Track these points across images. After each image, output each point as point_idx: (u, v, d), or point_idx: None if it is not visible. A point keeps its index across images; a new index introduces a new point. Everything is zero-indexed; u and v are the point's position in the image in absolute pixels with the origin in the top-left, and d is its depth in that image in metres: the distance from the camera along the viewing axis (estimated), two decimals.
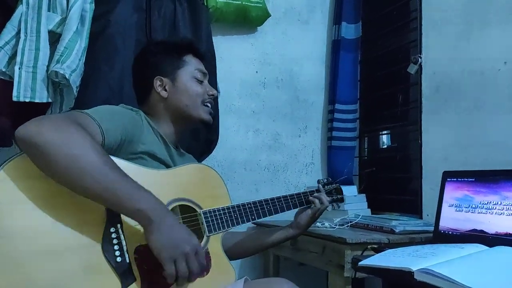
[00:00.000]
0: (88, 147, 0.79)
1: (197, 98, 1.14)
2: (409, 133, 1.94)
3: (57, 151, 0.76)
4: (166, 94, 1.13)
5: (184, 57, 1.16)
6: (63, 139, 0.77)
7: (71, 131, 0.79)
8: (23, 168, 0.78)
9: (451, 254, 0.93)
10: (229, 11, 1.88)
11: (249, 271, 2.00)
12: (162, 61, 1.14)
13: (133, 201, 0.80)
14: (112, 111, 0.98)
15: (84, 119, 0.87)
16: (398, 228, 1.43)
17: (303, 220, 1.18)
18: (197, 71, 1.16)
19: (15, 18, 1.37)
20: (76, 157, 0.77)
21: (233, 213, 1.05)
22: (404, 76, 1.91)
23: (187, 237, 0.83)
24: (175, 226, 0.83)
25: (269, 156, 2.09)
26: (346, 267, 1.32)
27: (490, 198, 1.14)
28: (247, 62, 2.07)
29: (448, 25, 1.65)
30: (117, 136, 0.93)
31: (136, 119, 1.02)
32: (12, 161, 0.79)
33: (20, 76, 1.34)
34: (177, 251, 0.81)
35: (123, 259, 0.84)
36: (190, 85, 1.14)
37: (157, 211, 0.82)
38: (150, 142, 1.02)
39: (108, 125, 0.90)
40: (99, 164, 0.79)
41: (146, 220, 0.81)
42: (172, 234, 0.81)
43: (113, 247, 0.83)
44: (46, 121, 0.80)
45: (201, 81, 1.16)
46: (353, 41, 2.12)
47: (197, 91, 1.14)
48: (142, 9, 1.64)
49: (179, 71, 1.14)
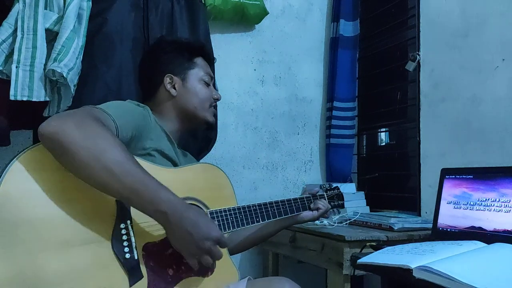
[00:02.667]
0: (112, 144, 0.80)
1: (205, 101, 1.18)
2: (407, 131, 1.94)
3: (82, 150, 0.77)
4: (175, 92, 1.15)
5: (195, 59, 1.19)
6: (87, 137, 0.78)
7: (94, 128, 0.80)
8: (37, 160, 0.79)
9: (450, 251, 0.93)
10: (226, 9, 1.87)
11: (248, 269, 2.00)
12: (173, 60, 1.17)
13: (154, 203, 0.80)
14: (123, 106, 0.99)
15: (102, 115, 0.88)
16: (397, 226, 1.43)
17: (307, 218, 1.22)
18: (205, 74, 1.19)
19: (11, 16, 1.37)
20: (100, 155, 0.77)
21: (239, 215, 1.06)
22: (402, 74, 1.91)
23: (207, 233, 0.84)
24: (195, 223, 0.83)
25: (267, 154, 2.09)
26: (345, 264, 1.32)
27: (488, 195, 1.15)
28: (245, 60, 2.07)
29: (446, 22, 1.65)
30: (128, 131, 0.94)
31: (144, 114, 1.03)
32: (26, 153, 0.79)
33: (17, 75, 1.33)
34: (198, 250, 0.84)
35: (131, 256, 0.84)
36: (199, 87, 1.17)
37: (177, 212, 0.82)
38: (157, 138, 1.04)
39: (121, 120, 0.91)
40: (122, 162, 0.79)
41: (166, 221, 0.82)
42: (193, 232, 0.82)
43: (123, 243, 0.84)
44: (68, 118, 0.80)
45: (208, 85, 1.20)
46: (351, 39, 2.12)
47: (206, 94, 1.18)
48: (139, 7, 1.63)
49: (190, 72, 1.17)
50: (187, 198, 0.99)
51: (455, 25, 1.61)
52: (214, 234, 0.85)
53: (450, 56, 1.62)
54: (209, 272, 0.97)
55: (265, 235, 1.24)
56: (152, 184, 0.81)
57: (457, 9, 1.60)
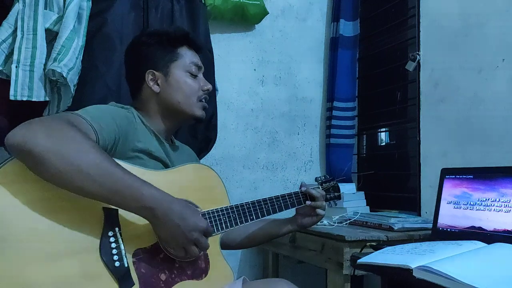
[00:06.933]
0: (86, 147, 0.78)
1: (190, 96, 1.09)
2: (407, 130, 1.94)
3: (53, 156, 0.74)
4: (158, 89, 1.08)
5: (178, 50, 1.10)
6: (57, 142, 0.75)
7: (65, 132, 0.77)
8: (17, 172, 0.76)
9: (450, 251, 0.93)
10: (227, 9, 1.87)
11: (248, 269, 2.00)
12: (155, 54, 1.09)
13: (138, 200, 0.80)
14: (103, 110, 0.95)
15: (75, 119, 0.85)
16: (397, 226, 1.43)
17: (307, 223, 1.19)
18: (191, 64, 1.10)
19: (11, 16, 1.37)
20: (74, 159, 0.75)
21: (232, 214, 1.04)
22: (402, 73, 1.91)
23: (194, 224, 0.86)
24: (182, 214, 0.84)
25: (267, 154, 2.08)
26: (345, 264, 1.32)
27: (488, 195, 1.14)
28: (245, 60, 2.07)
29: (446, 22, 1.65)
30: (111, 135, 0.91)
31: (128, 116, 1.00)
32: (5, 166, 0.76)
33: (17, 75, 1.33)
34: (186, 241, 0.85)
35: (121, 264, 0.83)
36: (184, 80, 1.09)
37: (163, 206, 0.83)
38: (144, 140, 1.00)
39: (101, 124, 0.88)
40: (99, 164, 0.77)
41: (152, 217, 0.82)
42: (180, 224, 0.84)
43: (111, 252, 0.82)
44: (36, 125, 0.76)
45: (195, 75, 1.11)
46: (351, 39, 2.12)
47: (191, 87, 1.09)
48: (139, 7, 1.63)
49: (172, 65, 1.09)
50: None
51: (455, 25, 1.60)
52: (201, 225, 0.87)
53: (450, 56, 1.62)
54: (203, 274, 0.95)
55: (273, 235, 1.22)
56: (133, 181, 0.80)
57: (457, 9, 1.60)
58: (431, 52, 1.71)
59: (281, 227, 1.21)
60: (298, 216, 1.20)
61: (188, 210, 0.87)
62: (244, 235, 1.22)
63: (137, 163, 0.95)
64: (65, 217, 0.79)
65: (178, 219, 0.84)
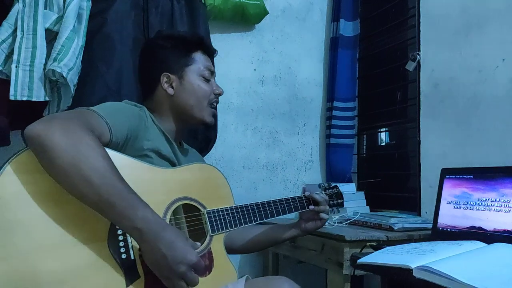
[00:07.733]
0: (94, 152, 0.78)
1: (203, 100, 1.13)
2: (407, 130, 1.94)
3: (63, 156, 0.75)
4: (172, 91, 1.11)
5: (193, 54, 1.14)
6: (71, 143, 0.77)
7: (79, 134, 0.79)
8: (30, 162, 0.78)
9: (450, 251, 0.93)
10: (226, 8, 1.87)
11: (248, 269, 2.00)
12: (170, 57, 1.12)
13: (130, 219, 0.78)
14: (118, 107, 0.98)
15: (91, 116, 0.87)
16: (397, 226, 1.43)
17: (311, 227, 1.20)
18: (205, 69, 1.14)
19: (11, 16, 1.37)
20: (80, 163, 0.76)
21: (236, 214, 1.06)
22: (402, 74, 1.91)
23: (182, 256, 0.80)
24: (171, 244, 0.79)
25: (267, 154, 2.08)
26: (345, 264, 1.32)
27: (488, 195, 1.14)
28: (245, 60, 2.07)
29: (446, 22, 1.65)
30: (124, 132, 0.93)
31: (140, 115, 1.02)
32: (19, 156, 0.78)
33: (17, 75, 1.33)
34: (171, 273, 0.80)
35: (128, 256, 0.84)
36: (197, 84, 1.12)
37: (153, 231, 0.78)
38: (154, 139, 1.02)
39: (115, 121, 0.90)
40: (102, 172, 0.77)
41: (140, 240, 0.79)
42: (167, 254, 0.79)
43: (119, 244, 0.84)
44: (55, 122, 0.79)
45: (208, 80, 1.14)
46: (352, 39, 2.12)
47: (204, 90, 1.13)
48: (139, 7, 1.63)
49: (187, 69, 1.12)
50: (183, 198, 0.99)
51: (455, 25, 1.60)
52: (190, 258, 0.80)
53: (450, 56, 1.62)
54: (206, 271, 0.96)
55: (278, 240, 1.22)
56: (130, 198, 0.79)
57: (457, 9, 1.60)
58: (431, 52, 1.71)
59: (285, 231, 1.22)
60: (301, 221, 1.22)
61: (179, 240, 0.81)
62: (247, 238, 1.22)
63: (145, 161, 0.96)
64: (75, 208, 0.80)
65: (166, 248, 0.78)
